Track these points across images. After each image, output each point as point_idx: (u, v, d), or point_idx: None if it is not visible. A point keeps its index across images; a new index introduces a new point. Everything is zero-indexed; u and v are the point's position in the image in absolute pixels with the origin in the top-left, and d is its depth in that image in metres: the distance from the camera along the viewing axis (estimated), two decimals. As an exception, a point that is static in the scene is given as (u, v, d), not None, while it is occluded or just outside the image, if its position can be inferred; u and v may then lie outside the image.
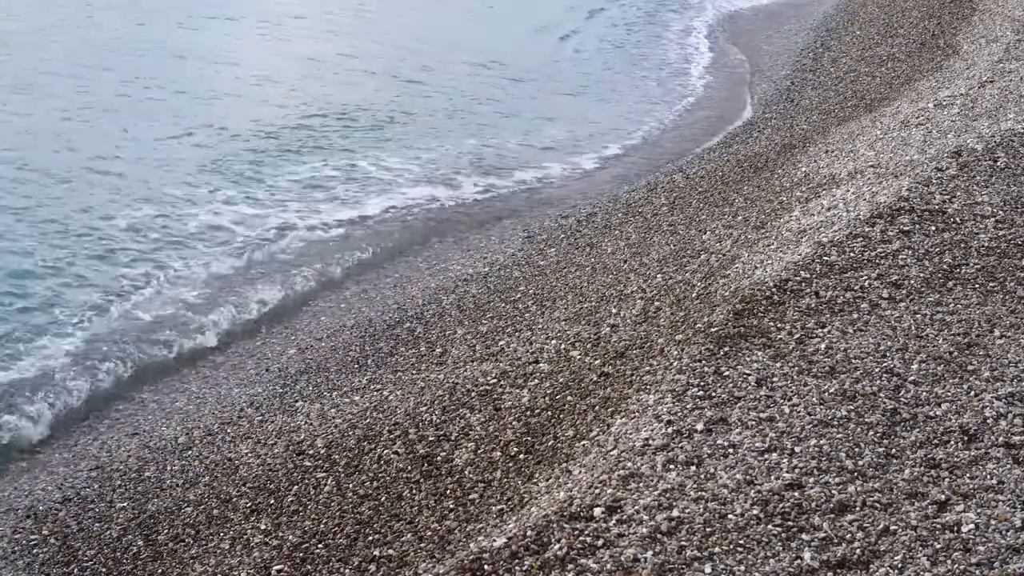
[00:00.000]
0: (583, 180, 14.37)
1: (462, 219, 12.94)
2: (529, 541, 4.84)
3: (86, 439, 8.21)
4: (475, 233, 12.40)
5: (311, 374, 8.83)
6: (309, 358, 9.20)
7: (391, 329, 9.47)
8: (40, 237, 11.38)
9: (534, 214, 12.88)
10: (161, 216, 12.20)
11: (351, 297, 10.67)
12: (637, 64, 20.56)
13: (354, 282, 11.11)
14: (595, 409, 6.48)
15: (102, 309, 10.07)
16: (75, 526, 7.00)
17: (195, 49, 19.23)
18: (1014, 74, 12.64)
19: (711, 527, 4.79)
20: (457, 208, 13.28)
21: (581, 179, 14.43)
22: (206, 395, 8.82)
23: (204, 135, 15.00)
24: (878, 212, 8.19)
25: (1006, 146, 9.58)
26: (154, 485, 7.37)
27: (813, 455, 5.29)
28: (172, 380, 9.18)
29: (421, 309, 9.86)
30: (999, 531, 4.75)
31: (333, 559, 6.10)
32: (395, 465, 6.78)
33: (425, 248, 12.02)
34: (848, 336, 6.45)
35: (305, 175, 13.86)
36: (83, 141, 14.34)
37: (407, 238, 12.30)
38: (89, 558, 6.70)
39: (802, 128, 14.19)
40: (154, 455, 7.78)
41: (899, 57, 16.98)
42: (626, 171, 14.58)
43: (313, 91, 17.40)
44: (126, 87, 16.75)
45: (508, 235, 12.10)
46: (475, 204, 13.45)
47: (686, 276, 8.49)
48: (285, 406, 8.27)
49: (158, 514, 7.00)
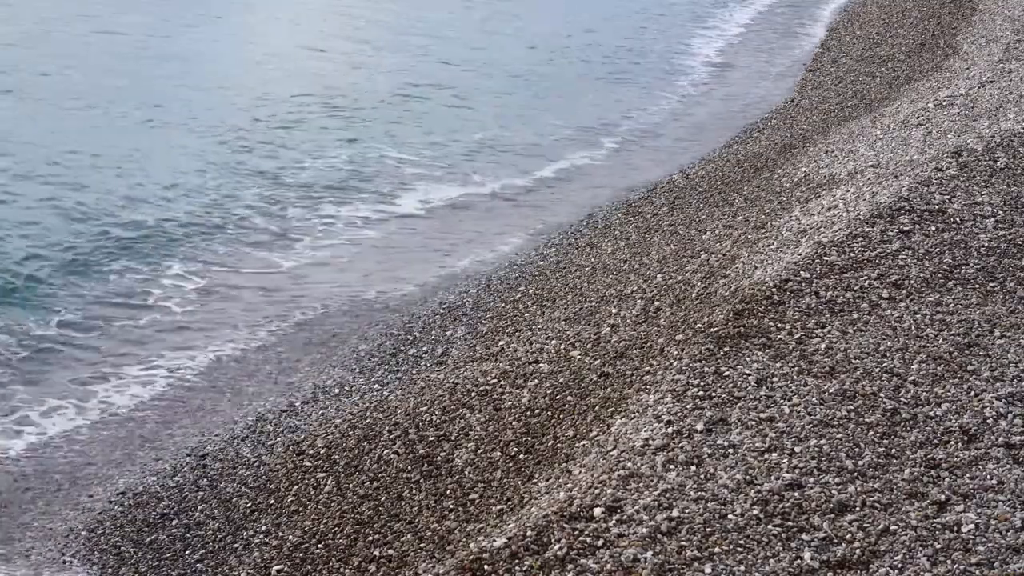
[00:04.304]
0: (584, 178, 14.39)
1: (462, 216, 12.96)
2: (529, 541, 4.84)
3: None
4: (475, 233, 12.40)
5: (312, 374, 8.84)
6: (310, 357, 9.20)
7: (391, 329, 9.46)
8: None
9: (535, 212, 12.89)
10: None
11: (352, 295, 10.67)
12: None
13: (354, 279, 11.12)
14: (595, 409, 6.47)
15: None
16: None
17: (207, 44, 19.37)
18: (1014, 74, 12.64)
19: (711, 527, 4.79)
20: (458, 205, 13.30)
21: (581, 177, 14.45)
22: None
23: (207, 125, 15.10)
24: (878, 212, 8.19)
25: (1006, 146, 9.59)
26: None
27: (813, 455, 5.29)
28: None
29: (421, 309, 9.86)
30: (999, 531, 4.75)
31: (333, 559, 6.10)
32: (395, 465, 6.78)
33: (425, 247, 12.02)
34: (848, 336, 6.45)
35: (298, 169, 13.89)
36: (99, 134, 14.45)
37: (407, 237, 12.31)
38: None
39: (802, 128, 14.19)
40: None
41: (899, 57, 16.98)
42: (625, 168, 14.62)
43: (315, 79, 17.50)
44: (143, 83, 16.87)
45: (508, 234, 12.10)
46: (476, 200, 13.48)
47: (686, 276, 8.49)
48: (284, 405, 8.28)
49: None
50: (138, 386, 8.93)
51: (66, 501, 7.34)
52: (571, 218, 12.29)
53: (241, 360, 9.49)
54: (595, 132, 16.31)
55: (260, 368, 9.23)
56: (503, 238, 12.02)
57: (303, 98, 16.66)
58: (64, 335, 9.59)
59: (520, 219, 12.78)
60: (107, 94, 16.08)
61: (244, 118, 15.55)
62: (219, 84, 17.14)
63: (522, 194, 13.81)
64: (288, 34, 20.74)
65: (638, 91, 18.72)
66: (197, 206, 12.44)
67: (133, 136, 14.51)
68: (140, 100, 15.89)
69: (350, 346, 9.21)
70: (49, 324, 9.72)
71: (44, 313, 9.89)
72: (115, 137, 14.40)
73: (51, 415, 8.42)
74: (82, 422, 8.37)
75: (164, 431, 8.26)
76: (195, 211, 12.31)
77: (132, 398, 8.78)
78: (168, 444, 7.96)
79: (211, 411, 8.49)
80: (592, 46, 21.60)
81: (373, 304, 10.33)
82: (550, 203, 13.39)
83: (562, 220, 12.26)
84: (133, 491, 7.26)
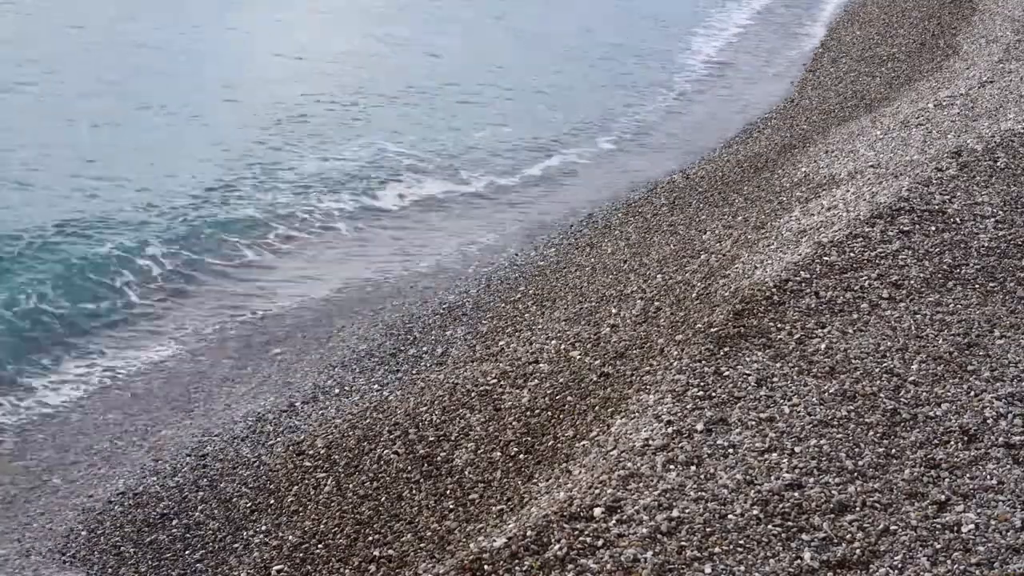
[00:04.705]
0: (584, 178, 14.39)
1: (463, 214, 12.97)
2: (529, 541, 4.84)
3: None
4: (476, 230, 12.40)
5: (312, 374, 8.84)
6: (309, 357, 9.21)
7: (391, 328, 9.46)
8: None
9: (537, 212, 12.89)
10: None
11: (351, 295, 10.67)
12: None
13: (354, 279, 11.12)
14: (595, 409, 6.48)
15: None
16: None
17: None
18: (1014, 74, 12.65)
19: (711, 527, 4.79)
20: (458, 202, 13.31)
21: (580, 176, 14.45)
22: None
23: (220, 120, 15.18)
24: (878, 212, 8.19)
25: (1006, 146, 9.59)
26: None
27: (813, 455, 5.29)
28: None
29: (421, 309, 9.86)
30: (999, 531, 4.75)
31: (333, 559, 6.10)
32: (395, 465, 6.78)
33: (425, 246, 12.02)
34: (848, 336, 6.45)
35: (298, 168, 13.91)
36: (116, 124, 14.53)
37: (407, 235, 12.32)
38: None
39: (802, 128, 14.19)
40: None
41: (899, 57, 16.99)
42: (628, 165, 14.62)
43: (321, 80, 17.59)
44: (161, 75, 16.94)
45: (509, 234, 12.10)
46: (478, 197, 13.50)
47: (686, 276, 8.49)
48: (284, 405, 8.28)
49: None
50: (136, 385, 8.95)
51: (66, 501, 7.35)
52: (571, 218, 12.29)
53: (241, 360, 9.49)
54: (593, 131, 16.32)
55: (260, 368, 9.23)
56: (504, 237, 12.01)
57: (308, 97, 16.69)
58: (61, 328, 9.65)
59: (518, 217, 12.79)
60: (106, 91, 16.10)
61: (248, 116, 15.59)
62: (221, 84, 17.18)
63: (522, 193, 13.81)
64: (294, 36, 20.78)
65: (638, 90, 18.71)
66: (201, 202, 12.47)
67: (134, 134, 14.53)
68: (141, 98, 15.90)
69: (350, 346, 9.21)
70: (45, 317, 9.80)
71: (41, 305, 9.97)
72: (115, 136, 14.41)
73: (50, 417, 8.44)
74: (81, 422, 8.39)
75: (162, 430, 8.27)
76: (198, 207, 12.33)
77: (132, 398, 8.80)
78: (168, 444, 7.96)
79: (211, 411, 8.50)
80: (591, 45, 21.61)
81: (373, 304, 10.33)
82: (550, 202, 13.39)
83: (562, 220, 12.25)
84: (133, 491, 7.26)
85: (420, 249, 11.98)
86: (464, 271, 10.85)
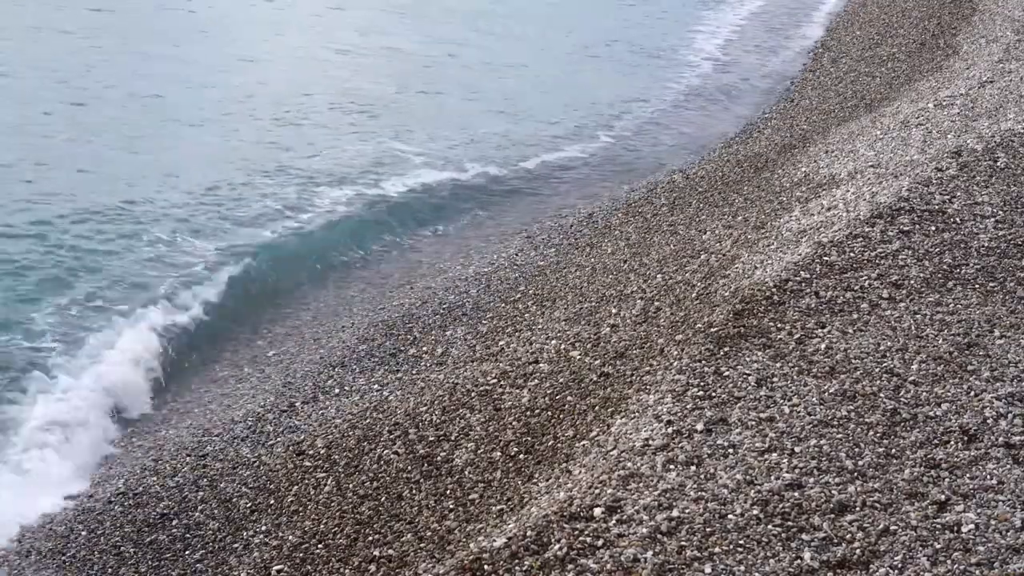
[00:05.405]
0: (584, 177, 14.39)
1: (463, 213, 12.98)
2: (529, 541, 4.84)
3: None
4: (476, 230, 12.40)
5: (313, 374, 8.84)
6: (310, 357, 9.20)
7: (391, 328, 9.46)
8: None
9: (538, 212, 12.90)
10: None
11: (351, 294, 10.67)
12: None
13: (354, 278, 11.12)
14: (595, 409, 6.48)
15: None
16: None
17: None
18: (1014, 74, 12.64)
19: (711, 527, 4.79)
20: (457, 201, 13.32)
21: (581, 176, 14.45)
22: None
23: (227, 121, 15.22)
24: (878, 212, 8.19)
25: (1006, 146, 9.58)
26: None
27: (813, 455, 5.29)
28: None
29: (421, 309, 9.85)
30: (999, 531, 4.75)
31: (333, 559, 6.10)
32: (395, 465, 6.78)
33: (424, 246, 12.02)
34: (848, 336, 6.45)
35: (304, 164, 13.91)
36: (131, 127, 14.57)
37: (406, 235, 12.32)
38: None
39: (802, 128, 14.19)
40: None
41: (899, 57, 16.99)
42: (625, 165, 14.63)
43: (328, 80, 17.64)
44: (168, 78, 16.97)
45: (509, 234, 12.10)
46: (480, 193, 13.52)
47: (686, 276, 8.49)
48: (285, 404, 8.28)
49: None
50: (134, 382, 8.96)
51: (67, 500, 7.35)
52: (571, 218, 12.28)
53: (241, 360, 9.50)
54: (593, 128, 16.34)
55: (260, 368, 9.23)
56: (503, 238, 12.01)
57: (313, 97, 16.69)
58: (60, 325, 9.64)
59: (519, 217, 12.79)
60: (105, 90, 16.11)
61: (254, 115, 15.61)
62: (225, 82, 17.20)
63: (523, 193, 13.82)
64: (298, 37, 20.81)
65: (637, 89, 18.73)
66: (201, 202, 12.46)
67: (137, 131, 14.54)
68: (144, 97, 15.92)
69: (350, 346, 9.21)
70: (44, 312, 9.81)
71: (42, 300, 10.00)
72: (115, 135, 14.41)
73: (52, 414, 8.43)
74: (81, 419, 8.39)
75: (162, 430, 8.28)
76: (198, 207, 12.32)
77: (130, 395, 8.81)
78: (168, 444, 7.96)
79: (211, 411, 8.50)
80: (592, 44, 21.64)
81: (373, 304, 10.33)
82: (550, 202, 13.39)
83: (562, 219, 12.25)
84: (133, 491, 7.26)
85: (420, 249, 11.98)
86: (464, 271, 10.83)
